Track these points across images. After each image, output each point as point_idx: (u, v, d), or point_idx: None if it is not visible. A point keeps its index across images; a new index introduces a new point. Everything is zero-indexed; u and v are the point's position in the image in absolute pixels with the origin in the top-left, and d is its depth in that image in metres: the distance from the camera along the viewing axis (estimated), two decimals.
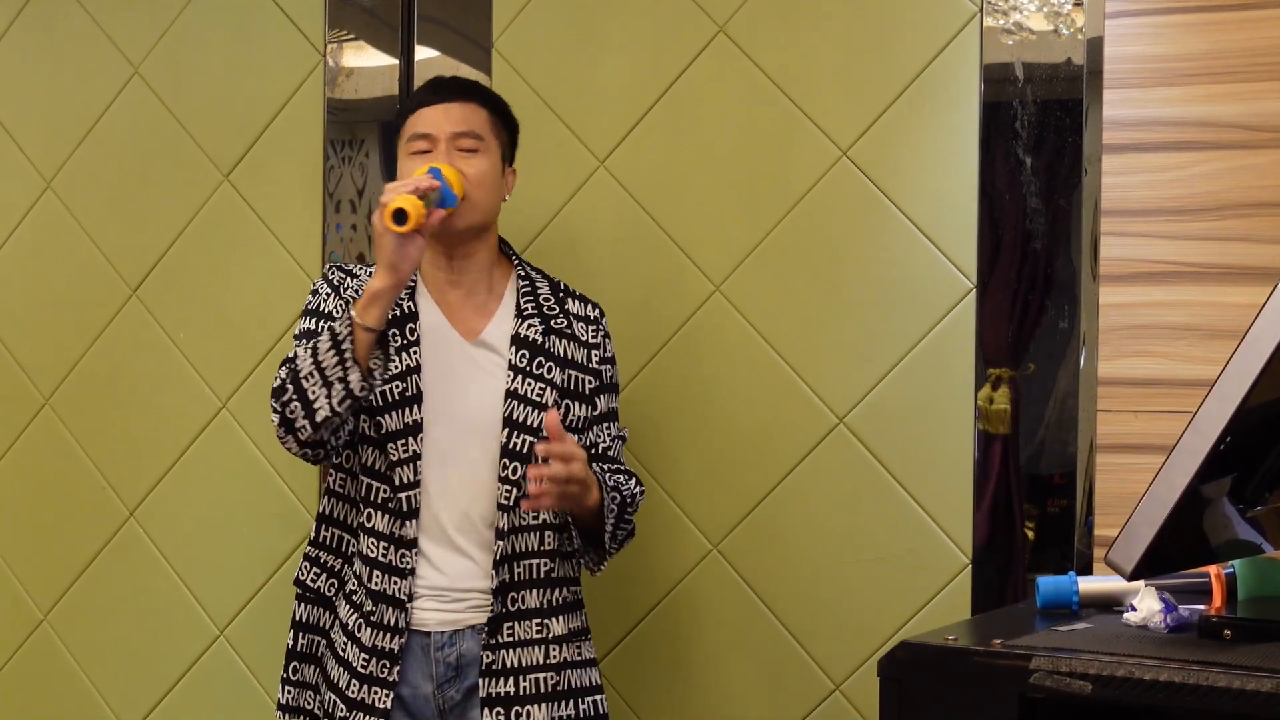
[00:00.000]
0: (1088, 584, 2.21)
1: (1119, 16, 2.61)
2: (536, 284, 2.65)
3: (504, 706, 2.51)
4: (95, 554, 3.43)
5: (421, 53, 3.15)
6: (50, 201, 3.49)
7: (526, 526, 2.53)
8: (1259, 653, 1.84)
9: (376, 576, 2.50)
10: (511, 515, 2.52)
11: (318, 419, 2.40)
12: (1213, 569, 2.06)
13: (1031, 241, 2.68)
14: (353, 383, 2.38)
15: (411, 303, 2.56)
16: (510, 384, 2.54)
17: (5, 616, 3.53)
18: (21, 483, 3.53)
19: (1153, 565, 1.89)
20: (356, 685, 2.49)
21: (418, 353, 2.52)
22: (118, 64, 3.42)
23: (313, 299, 2.60)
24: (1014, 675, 1.85)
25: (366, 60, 3.21)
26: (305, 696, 2.58)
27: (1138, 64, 2.61)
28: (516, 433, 2.53)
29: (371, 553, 2.51)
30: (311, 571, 2.60)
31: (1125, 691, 1.79)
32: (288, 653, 2.61)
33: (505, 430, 2.53)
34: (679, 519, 2.94)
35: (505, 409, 2.53)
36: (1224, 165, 2.55)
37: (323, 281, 2.62)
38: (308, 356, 2.40)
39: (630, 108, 2.98)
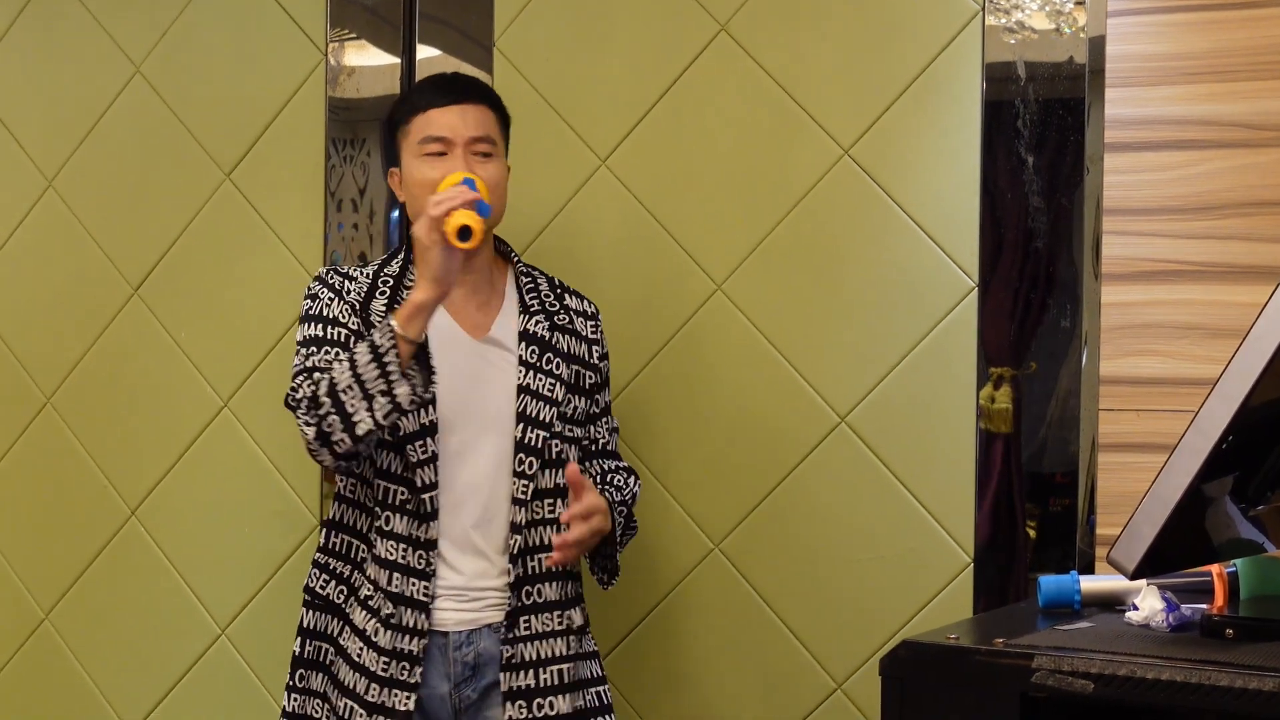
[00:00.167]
0: (1090, 583, 2.21)
1: (1121, 15, 2.61)
2: (537, 280, 2.66)
3: (525, 699, 2.52)
4: (96, 553, 3.43)
5: (423, 51, 3.15)
6: (52, 200, 3.49)
7: (541, 520, 2.55)
8: (1261, 652, 1.84)
9: (396, 579, 2.48)
10: (526, 509, 2.53)
11: (358, 432, 2.37)
12: (1215, 568, 2.06)
13: (1033, 240, 2.68)
14: (400, 396, 2.36)
15: None
16: (522, 379, 2.55)
17: (6, 615, 3.53)
18: (23, 482, 3.53)
19: (1155, 564, 1.89)
20: (376, 689, 2.48)
21: (425, 352, 2.51)
22: (119, 63, 3.42)
23: (312, 304, 2.56)
24: (1016, 674, 1.85)
25: (368, 59, 3.21)
26: (312, 704, 2.57)
27: (1140, 63, 2.60)
28: (530, 428, 2.53)
29: (390, 555, 2.49)
30: (320, 578, 2.58)
31: (1127, 691, 1.79)
32: (294, 660, 2.59)
33: (519, 426, 2.53)
34: (680, 518, 2.94)
35: (518, 404, 2.54)
36: (1226, 164, 2.55)
37: (320, 285, 2.57)
38: (345, 369, 2.37)
39: (632, 106, 2.98)
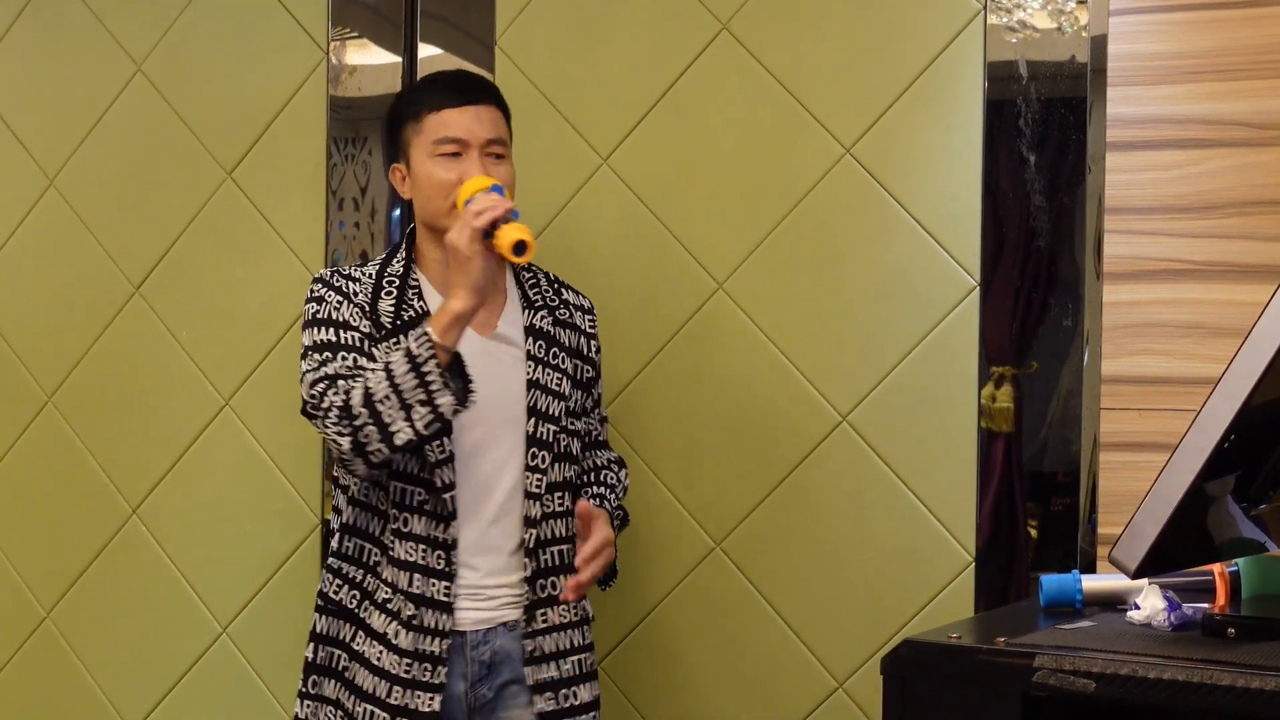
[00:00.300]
0: (1091, 582, 2.21)
1: (1123, 14, 2.61)
2: (536, 275, 2.66)
3: (552, 690, 2.54)
4: (98, 551, 3.43)
5: (424, 50, 3.15)
6: (53, 199, 3.49)
7: (553, 514, 2.55)
8: (1263, 651, 1.84)
9: (417, 580, 2.47)
10: (540, 503, 2.53)
11: (397, 443, 2.35)
12: (1216, 567, 2.06)
13: (1035, 239, 2.67)
14: (443, 406, 2.34)
15: (422, 303, 2.53)
16: (531, 374, 2.55)
17: (8, 614, 3.53)
18: (24, 480, 3.53)
19: (1156, 563, 1.89)
20: (399, 691, 2.46)
21: None
22: (120, 61, 3.42)
23: (318, 307, 2.51)
24: (1017, 673, 1.85)
25: (369, 58, 3.20)
26: (325, 711, 2.54)
27: (1142, 61, 2.60)
28: (541, 422, 2.54)
29: (410, 557, 2.48)
30: (334, 583, 2.54)
31: (1129, 690, 1.79)
32: (307, 666, 2.55)
33: (531, 420, 2.53)
34: (681, 516, 2.94)
35: (529, 399, 2.54)
36: (1228, 163, 2.54)
37: (324, 288, 2.53)
38: (381, 379, 2.34)
39: (633, 105, 2.98)
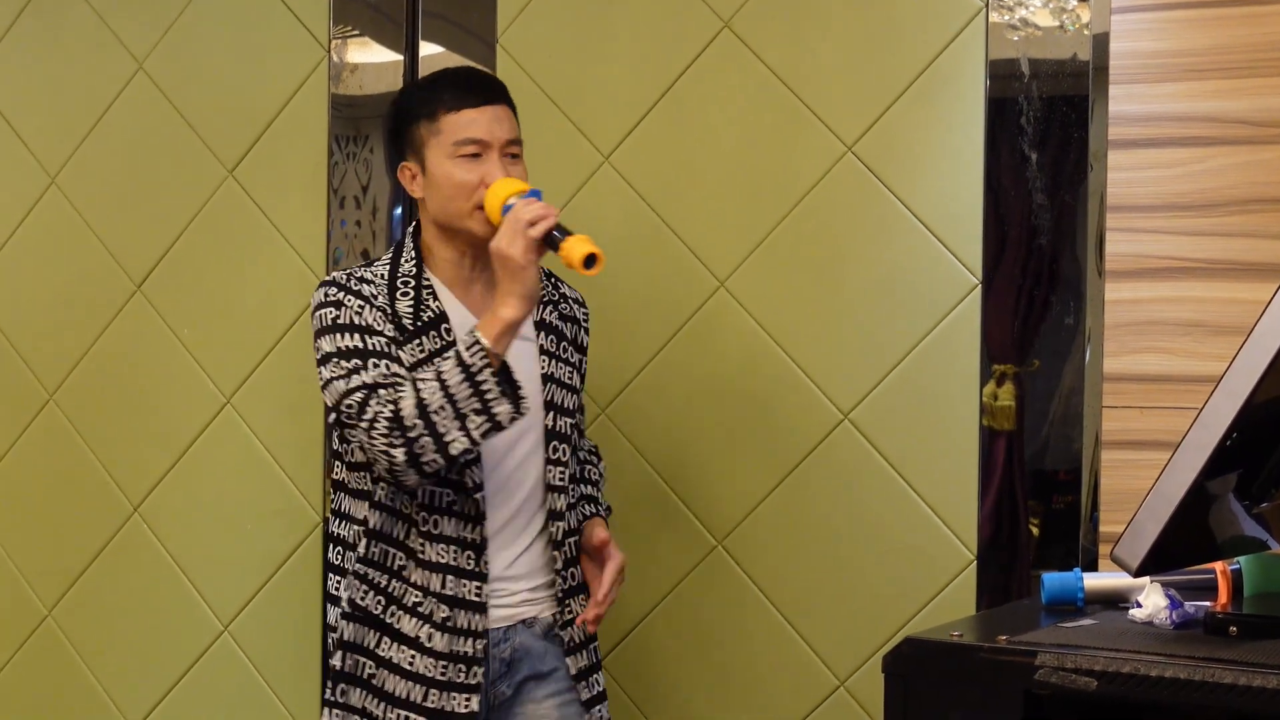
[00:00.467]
0: (1093, 580, 2.21)
1: (1125, 12, 2.61)
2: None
3: (586, 677, 2.57)
4: (99, 549, 3.43)
5: (426, 48, 3.15)
6: (55, 197, 3.49)
7: (569, 507, 2.57)
8: (1264, 649, 1.84)
9: (450, 582, 2.45)
10: (564, 495, 2.54)
11: (452, 452, 2.33)
12: (1218, 565, 2.06)
13: (1037, 237, 2.67)
14: (501, 414, 2.33)
15: (438, 303, 2.50)
16: (546, 368, 2.54)
17: (9, 611, 3.53)
18: (26, 478, 3.53)
19: (1158, 561, 1.89)
20: (436, 694, 2.44)
21: None
22: (122, 60, 3.42)
23: (338, 312, 2.44)
24: (1019, 671, 1.85)
25: (371, 56, 3.20)
26: None
27: (1144, 59, 2.60)
28: (559, 415, 2.53)
29: (441, 558, 2.46)
30: (360, 589, 2.48)
31: (1130, 688, 1.79)
32: (334, 674, 2.49)
33: (549, 414, 2.52)
34: (683, 514, 2.94)
35: (545, 393, 2.53)
36: (1230, 161, 2.54)
37: (342, 292, 2.46)
38: (434, 389, 2.32)
39: (635, 103, 2.98)
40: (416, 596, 2.46)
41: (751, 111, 2.89)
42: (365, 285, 2.48)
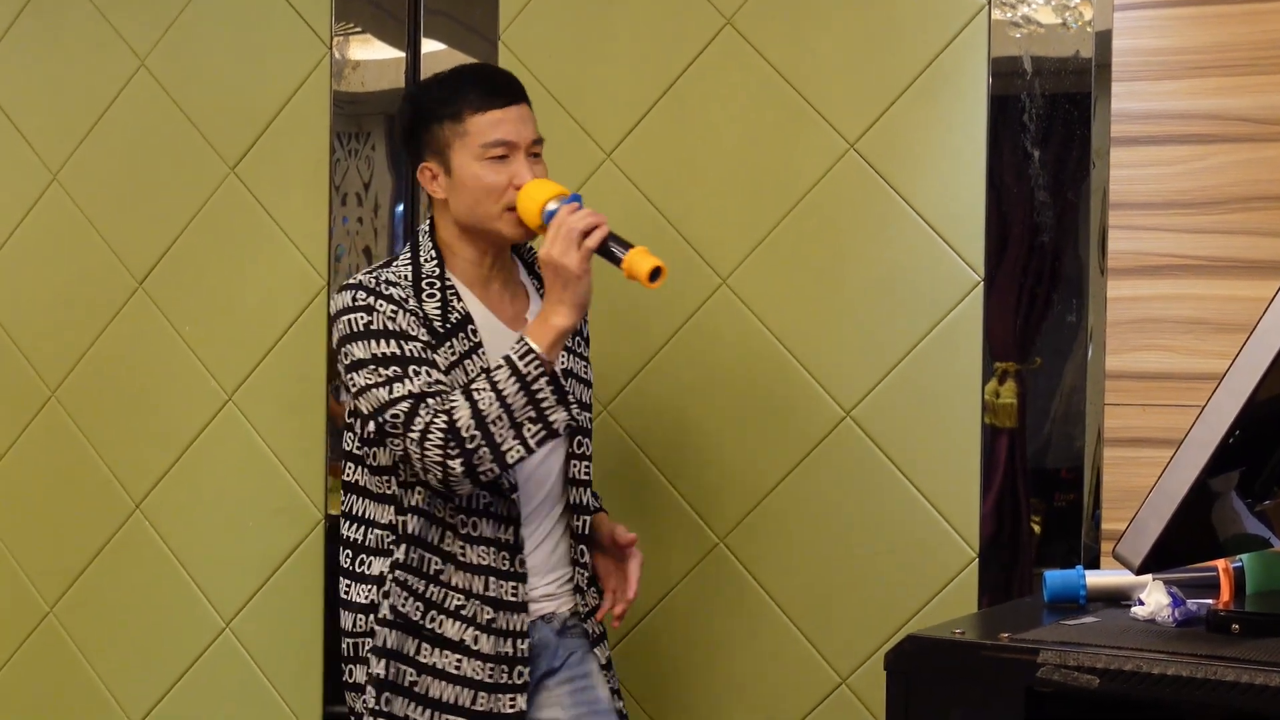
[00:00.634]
0: (1095, 578, 2.21)
1: (1127, 10, 2.61)
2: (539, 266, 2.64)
3: (607, 670, 2.58)
4: (101, 547, 3.43)
5: (428, 45, 3.15)
6: (56, 194, 3.49)
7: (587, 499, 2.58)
8: (1266, 647, 1.84)
9: (492, 584, 2.44)
10: (588, 490, 2.55)
11: (509, 461, 2.32)
12: (1221, 563, 2.06)
13: (1039, 235, 2.67)
14: (558, 422, 2.33)
15: (461, 304, 2.47)
16: (565, 363, 2.52)
17: (11, 609, 3.53)
18: (27, 475, 3.53)
19: (1161, 559, 1.89)
20: (485, 697, 2.43)
21: (484, 353, 2.45)
22: (124, 57, 3.41)
23: (370, 317, 2.39)
24: (1021, 669, 1.85)
25: (373, 53, 3.20)
26: None
27: (1146, 57, 2.60)
28: (579, 410, 2.53)
29: (482, 560, 2.44)
30: (401, 596, 2.43)
31: (1133, 685, 1.79)
32: (377, 682, 2.42)
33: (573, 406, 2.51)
34: (685, 512, 2.94)
35: (567, 388, 2.48)
36: (1232, 158, 2.54)
37: (371, 296, 2.41)
38: (490, 398, 2.31)
39: (637, 101, 2.98)
40: (459, 600, 2.44)
41: (753, 109, 2.89)
42: (393, 288, 2.43)
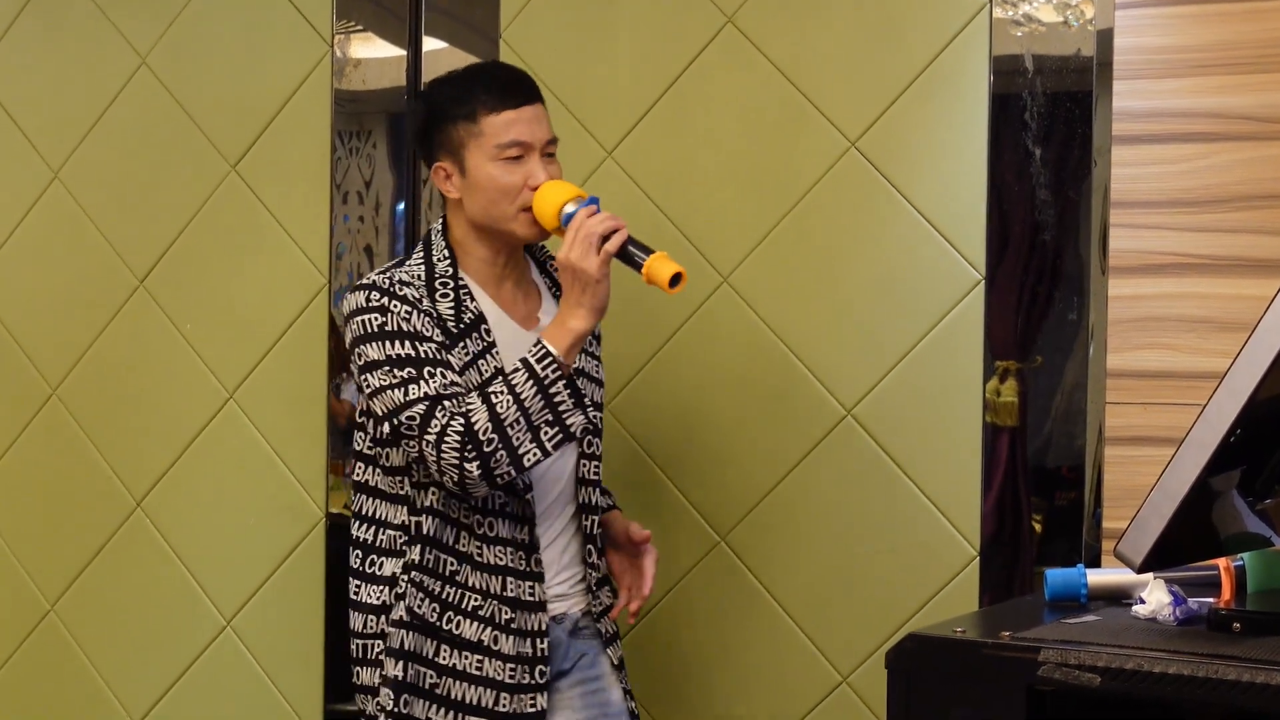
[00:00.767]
0: (1096, 576, 2.21)
1: (1129, 8, 2.61)
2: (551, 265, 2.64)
3: (619, 670, 2.57)
4: (102, 544, 3.44)
5: (429, 44, 3.15)
6: (57, 192, 3.49)
7: (601, 499, 2.58)
8: (1268, 645, 1.84)
9: (510, 584, 2.44)
10: (598, 489, 2.55)
11: (526, 464, 2.33)
12: (1222, 562, 2.06)
13: (1040, 233, 2.67)
14: (575, 426, 2.33)
15: (475, 304, 2.46)
16: (578, 363, 2.50)
17: (12, 606, 3.53)
18: (28, 473, 3.53)
19: (1162, 558, 1.89)
20: (507, 697, 2.43)
21: (498, 353, 2.45)
22: (125, 55, 3.41)
23: (384, 318, 2.38)
24: (1022, 667, 1.85)
25: (374, 51, 3.20)
26: None
27: (1148, 55, 2.60)
28: (591, 410, 2.52)
29: (500, 561, 2.44)
30: (417, 597, 2.43)
31: (1134, 684, 1.79)
32: (395, 684, 2.41)
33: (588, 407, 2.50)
34: (686, 510, 2.94)
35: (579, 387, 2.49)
36: (1234, 157, 2.54)
37: (384, 296, 2.39)
38: (507, 401, 2.31)
39: (638, 99, 2.98)
40: (476, 600, 2.44)
41: (755, 107, 2.89)
42: (406, 288, 2.41)
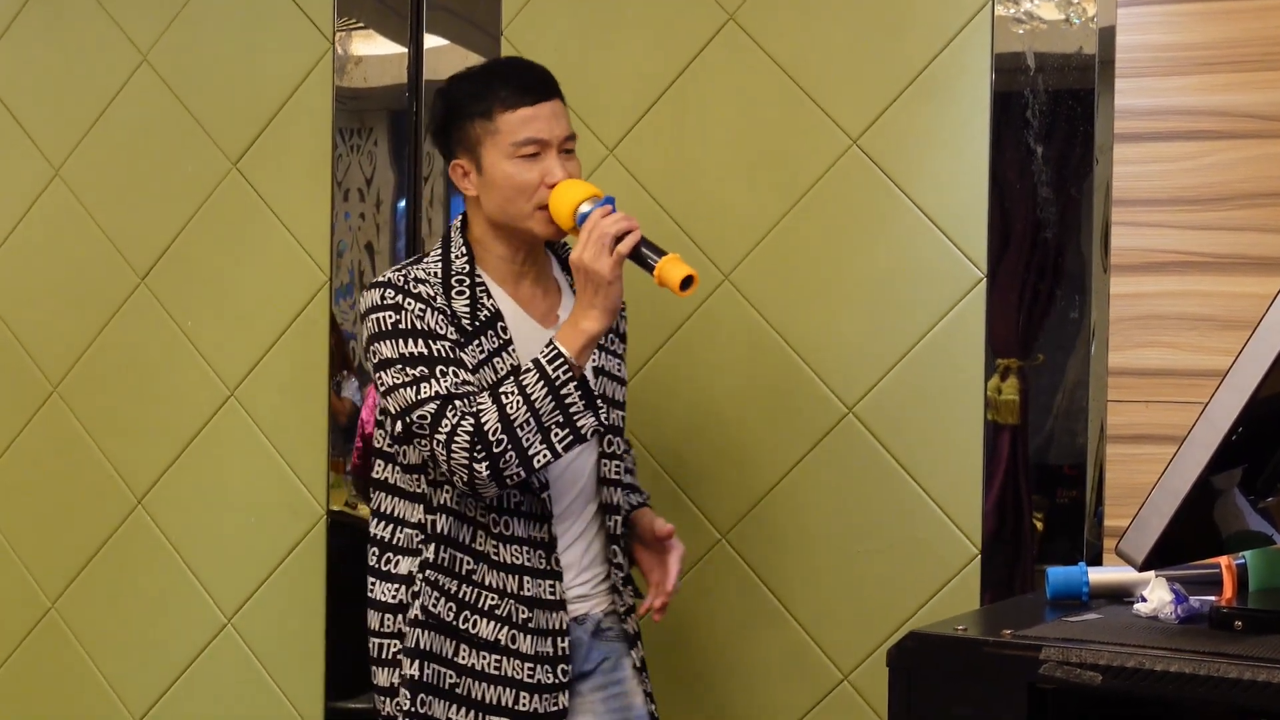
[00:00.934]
0: (1098, 574, 2.21)
1: (1131, 5, 2.61)
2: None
3: (641, 672, 2.56)
4: (103, 542, 3.44)
5: (430, 41, 3.15)
6: (59, 189, 3.49)
7: (624, 499, 2.57)
8: (1269, 644, 1.84)
9: (527, 583, 2.43)
10: (620, 489, 2.54)
11: (535, 465, 2.32)
12: (1223, 560, 2.06)
13: (1042, 231, 2.67)
14: (586, 428, 2.33)
15: (492, 302, 2.45)
16: (596, 361, 2.50)
17: (13, 604, 3.53)
18: (29, 470, 3.53)
19: (1163, 556, 1.88)
20: (527, 697, 2.42)
21: (514, 350, 2.44)
22: (126, 51, 3.41)
23: (398, 316, 2.37)
24: (1024, 665, 1.85)
25: (375, 48, 3.20)
26: None
27: (1150, 53, 2.60)
28: (611, 408, 2.51)
29: (516, 560, 2.43)
30: (432, 596, 2.42)
31: (1135, 682, 1.79)
32: (412, 684, 2.40)
33: (603, 408, 2.48)
34: (687, 508, 2.94)
35: (598, 387, 2.48)
36: (1237, 155, 2.54)
37: (399, 294, 2.39)
38: (517, 401, 2.30)
39: (640, 96, 2.98)
40: (493, 599, 2.43)
41: (756, 105, 2.88)
42: (422, 286, 2.41)
